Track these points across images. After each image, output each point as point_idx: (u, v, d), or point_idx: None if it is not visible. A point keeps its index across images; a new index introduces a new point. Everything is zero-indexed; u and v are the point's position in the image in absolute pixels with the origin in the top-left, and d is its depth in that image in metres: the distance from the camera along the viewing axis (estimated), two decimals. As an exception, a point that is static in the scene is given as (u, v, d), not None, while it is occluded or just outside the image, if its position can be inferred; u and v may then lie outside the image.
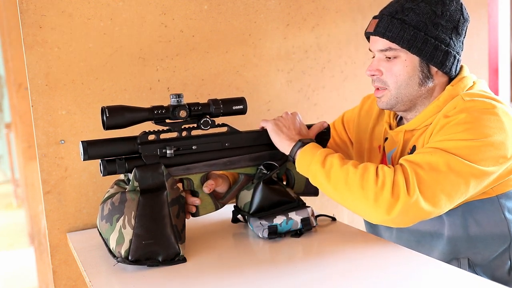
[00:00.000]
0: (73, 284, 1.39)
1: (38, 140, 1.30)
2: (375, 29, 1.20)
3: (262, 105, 1.57)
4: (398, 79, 1.19)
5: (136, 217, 1.05)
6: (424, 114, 1.20)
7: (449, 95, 1.18)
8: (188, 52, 1.45)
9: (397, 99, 1.20)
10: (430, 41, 1.16)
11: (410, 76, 1.18)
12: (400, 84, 1.19)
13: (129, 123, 1.09)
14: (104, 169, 1.08)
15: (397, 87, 1.19)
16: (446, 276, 0.96)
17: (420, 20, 1.16)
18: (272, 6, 1.55)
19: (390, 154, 1.29)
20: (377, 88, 1.23)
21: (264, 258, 1.11)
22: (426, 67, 1.18)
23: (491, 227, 1.18)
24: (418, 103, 1.22)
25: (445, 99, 1.18)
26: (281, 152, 1.26)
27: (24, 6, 1.25)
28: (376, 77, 1.22)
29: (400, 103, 1.21)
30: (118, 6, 1.34)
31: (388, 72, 1.20)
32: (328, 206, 1.74)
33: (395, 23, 1.17)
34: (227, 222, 1.31)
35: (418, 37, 1.15)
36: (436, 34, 1.16)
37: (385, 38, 1.18)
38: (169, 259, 1.06)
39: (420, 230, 1.23)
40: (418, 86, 1.19)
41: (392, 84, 1.20)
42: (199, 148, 1.17)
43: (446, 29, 1.17)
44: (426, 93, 1.21)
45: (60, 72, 1.30)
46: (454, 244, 1.19)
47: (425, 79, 1.19)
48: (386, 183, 1.03)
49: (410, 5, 1.18)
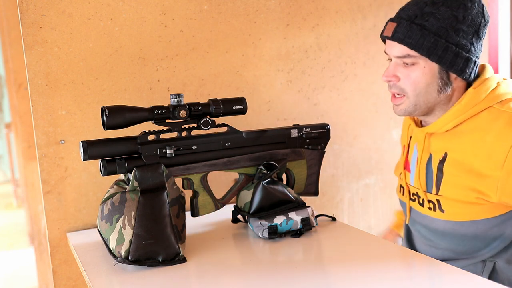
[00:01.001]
0: (73, 284, 1.39)
1: (38, 140, 1.30)
2: (393, 34, 1.15)
3: (262, 105, 1.57)
4: (416, 86, 1.15)
5: (136, 217, 1.05)
6: (445, 117, 1.18)
7: (471, 98, 1.15)
8: (188, 52, 1.45)
9: (416, 106, 1.18)
10: (451, 48, 1.12)
11: (429, 83, 1.15)
12: (419, 92, 1.16)
13: (129, 123, 1.09)
14: (104, 169, 1.08)
15: (416, 95, 1.16)
16: (447, 276, 0.96)
17: (441, 26, 1.11)
18: (272, 6, 1.55)
19: (414, 155, 1.28)
20: (394, 95, 1.20)
21: (264, 258, 1.11)
22: (446, 74, 1.15)
23: None
24: (437, 109, 1.20)
25: (467, 102, 1.15)
26: (281, 152, 1.26)
27: (24, 6, 1.25)
28: (393, 83, 1.18)
29: (418, 110, 1.19)
30: (118, 6, 1.34)
31: (406, 79, 1.16)
32: (328, 206, 1.74)
33: (414, 29, 1.12)
34: (227, 222, 1.31)
35: (439, 45, 1.11)
36: (457, 40, 1.12)
37: (404, 44, 1.13)
38: (169, 259, 1.06)
39: (459, 240, 1.22)
40: (437, 93, 1.16)
41: (410, 91, 1.17)
42: (199, 148, 1.17)
43: (467, 34, 1.12)
44: (444, 99, 1.18)
45: (60, 72, 1.30)
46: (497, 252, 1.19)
47: (444, 86, 1.16)
48: None
49: (430, 9, 1.12)
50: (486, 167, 1.12)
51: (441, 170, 1.20)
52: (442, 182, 1.20)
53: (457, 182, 1.17)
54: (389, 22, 1.19)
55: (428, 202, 1.24)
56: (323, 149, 1.33)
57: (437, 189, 1.21)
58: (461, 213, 1.19)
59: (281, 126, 1.38)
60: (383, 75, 1.20)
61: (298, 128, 1.29)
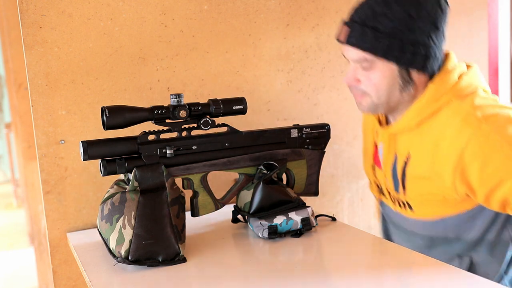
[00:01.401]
0: (73, 284, 1.39)
1: (38, 140, 1.30)
2: (347, 40, 1.12)
3: (262, 105, 1.57)
4: (378, 89, 1.13)
5: (136, 217, 1.05)
6: (407, 116, 1.16)
7: (432, 95, 1.12)
8: (188, 52, 1.45)
9: (378, 106, 1.16)
10: (408, 48, 1.08)
11: (390, 84, 1.13)
12: (381, 94, 1.14)
13: (129, 123, 1.09)
14: (104, 169, 1.08)
15: (378, 97, 1.15)
16: (446, 276, 0.96)
17: (394, 26, 1.07)
18: (272, 6, 1.55)
19: (381, 151, 1.27)
20: (355, 94, 1.20)
21: (264, 258, 1.11)
22: (406, 72, 1.12)
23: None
24: (400, 107, 1.18)
25: (428, 99, 1.13)
26: (281, 152, 1.26)
27: (24, 6, 1.25)
28: (354, 87, 1.17)
29: (381, 109, 1.18)
30: (118, 6, 1.34)
31: (367, 82, 1.14)
32: (328, 206, 1.74)
33: (367, 32, 1.08)
34: (227, 222, 1.31)
35: (394, 45, 1.08)
36: (413, 38, 1.08)
37: (359, 48, 1.10)
38: (169, 259, 1.06)
39: (432, 237, 1.23)
40: (399, 92, 1.14)
41: (372, 93, 1.15)
42: (199, 148, 1.17)
43: (423, 30, 1.08)
44: (407, 97, 1.16)
45: (60, 72, 1.30)
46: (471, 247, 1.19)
47: (406, 85, 1.13)
48: None
49: (382, 9, 1.08)
50: (443, 167, 1.10)
51: (405, 171, 1.19)
52: (406, 184, 1.20)
53: (420, 184, 1.17)
54: (343, 24, 1.15)
55: (398, 201, 1.25)
56: (323, 149, 1.33)
57: (404, 190, 1.21)
58: (430, 212, 1.19)
59: (281, 126, 1.38)
60: (344, 79, 1.18)
61: (298, 128, 1.29)
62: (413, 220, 1.24)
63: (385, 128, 1.23)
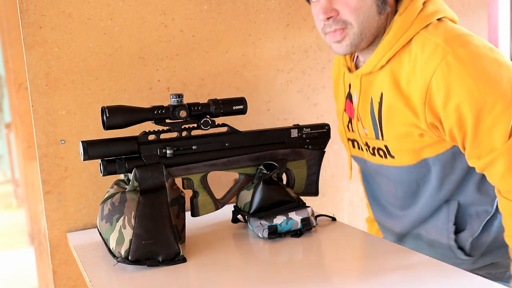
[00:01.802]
0: (73, 284, 1.39)
1: (38, 140, 1.30)
2: None
3: (262, 105, 1.57)
4: (359, 12, 1.07)
5: (136, 217, 1.05)
6: (376, 53, 1.12)
7: (399, 27, 1.09)
8: (188, 52, 1.45)
9: (361, 35, 1.10)
10: None
11: (369, 5, 1.08)
12: (362, 18, 1.08)
13: (129, 123, 1.09)
14: (104, 169, 1.08)
15: (360, 22, 1.08)
16: (447, 276, 0.96)
17: None
18: (272, 6, 1.55)
19: (355, 100, 1.23)
20: (333, 32, 1.11)
21: (264, 258, 1.12)
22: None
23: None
24: (379, 36, 1.13)
25: (395, 32, 1.09)
26: (281, 152, 1.26)
27: (24, 6, 1.25)
28: (333, 19, 1.09)
29: (363, 40, 1.11)
30: (118, 6, 1.34)
31: (346, 8, 1.08)
32: (328, 206, 1.74)
33: None
34: (227, 222, 1.31)
35: None
36: None
37: None
38: (169, 259, 1.06)
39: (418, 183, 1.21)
40: (378, 15, 1.09)
41: (354, 20, 1.08)
42: (199, 148, 1.17)
43: None
44: (384, 21, 1.12)
45: (60, 72, 1.30)
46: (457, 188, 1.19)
47: (383, 5, 1.09)
48: None
49: None
50: (414, 100, 1.08)
51: (380, 113, 1.15)
52: (383, 126, 1.16)
53: (395, 123, 1.13)
54: None
55: (378, 151, 1.21)
56: (323, 149, 1.33)
57: (382, 135, 1.17)
58: (410, 155, 1.15)
59: (281, 126, 1.38)
60: (320, 14, 1.10)
61: (298, 128, 1.29)
62: (395, 168, 1.19)
63: (355, 72, 1.18)
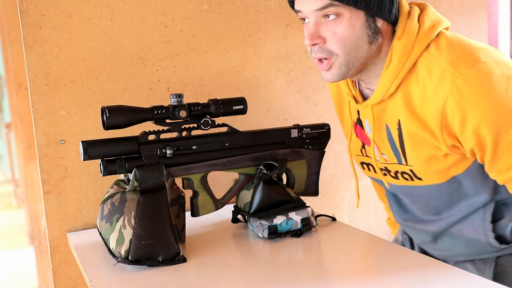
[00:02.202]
0: (73, 284, 1.39)
1: (38, 140, 1.30)
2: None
3: (262, 105, 1.57)
4: (346, 43, 1.02)
5: (136, 217, 1.05)
6: (385, 82, 1.09)
7: (401, 53, 1.06)
8: (188, 52, 1.45)
9: (348, 65, 1.05)
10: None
11: (358, 36, 1.03)
12: (349, 48, 1.03)
13: (129, 123, 1.09)
14: (104, 169, 1.08)
15: (346, 53, 1.04)
16: (447, 276, 0.96)
17: None
18: (272, 6, 1.55)
19: (367, 128, 1.20)
20: (320, 60, 1.07)
21: (264, 258, 1.11)
22: (373, 21, 1.04)
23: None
24: (369, 63, 1.09)
25: (398, 59, 1.06)
26: (281, 152, 1.26)
27: (24, 6, 1.25)
28: (319, 47, 1.05)
29: (351, 70, 1.07)
30: (118, 6, 1.34)
31: (333, 38, 1.03)
32: (328, 206, 1.74)
33: None
34: (227, 222, 1.31)
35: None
36: None
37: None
38: (169, 259, 1.06)
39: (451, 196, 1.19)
40: (368, 45, 1.05)
41: (340, 50, 1.03)
42: (199, 148, 1.17)
43: None
44: (376, 50, 1.07)
45: (60, 72, 1.30)
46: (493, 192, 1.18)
47: (374, 35, 1.05)
48: None
49: None
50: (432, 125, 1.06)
51: (401, 139, 1.13)
52: (406, 151, 1.14)
53: (418, 147, 1.11)
54: None
55: (402, 174, 1.19)
56: (323, 149, 1.33)
57: (406, 160, 1.15)
58: (438, 175, 1.14)
59: (281, 126, 1.38)
60: (307, 39, 1.05)
61: (298, 128, 1.29)
62: (425, 187, 1.18)
63: (365, 103, 1.16)
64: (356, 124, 1.24)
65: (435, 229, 1.26)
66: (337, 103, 1.34)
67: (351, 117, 1.24)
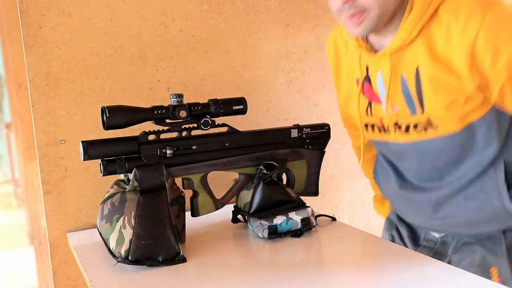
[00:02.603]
0: (73, 284, 1.39)
1: (38, 140, 1.30)
2: None
3: (262, 105, 1.57)
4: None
5: (136, 217, 1.05)
6: (406, 29, 1.09)
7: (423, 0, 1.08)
8: (188, 52, 1.45)
9: (380, 18, 1.07)
10: None
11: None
12: (381, 1, 1.05)
13: (129, 123, 1.09)
14: (104, 169, 1.08)
15: (379, 5, 1.05)
16: (447, 276, 0.96)
17: None
18: (272, 6, 1.55)
19: (380, 81, 1.19)
20: (352, 15, 1.08)
21: (264, 258, 1.12)
22: None
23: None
24: (396, 15, 1.11)
25: (421, 4, 1.07)
26: (281, 152, 1.26)
27: (24, 6, 1.25)
28: (350, 4, 1.06)
29: (381, 22, 1.08)
30: (118, 6, 1.34)
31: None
32: (328, 206, 1.74)
33: None
34: (227, 222, 1.31)
35: None
36: None
37: None
38: (169, 259, 1.06)
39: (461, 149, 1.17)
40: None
41: (372, 3, 1.05)
42: (199, 148, 1.17)
43: None
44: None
45: (60, 72, 1.30)
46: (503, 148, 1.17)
47: None
48: None
49: None
50: (458, 66, 1.06)
51: (419, 86, 1.13)
52: (425, 98, 1.13)
53: (439, 92, 1.11)
54: None
55: (414, 127, 1.18)
56: (323, 149, 1.33)
57: (422, 108, 1.14)
58: (455, 123, 1.13)
59: (281, 126, 1.38)
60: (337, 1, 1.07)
61: (298, 128, 1.29)
62: (437, 139, 1.16)
63: (382, 51, 1.15)
64: (364, 81, 1.22)
65: (438, 196, 1.23)
66: (337, 68, 1.33)
67: (361, 73, 1.22)
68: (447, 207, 1.24)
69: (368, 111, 1.26)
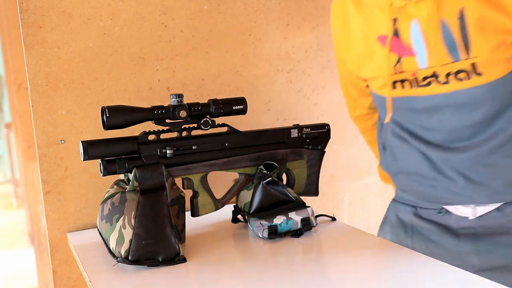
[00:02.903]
0: (73, 284, 1.39)
1: (38, 140, 1.30)
2: None
3: (262, 105, 1.57)
4: None
5: (136, 217, 1.05)
6: None
7: None
8: (188, 52, 1.45)
9: None
10: None
11: None
12: None
13: (129, 123, 1.09)
14: (104, 169, 1.08)
15: None
16: (447, 276, 0.96)
17: None
18: (272, 6, 1.55)
19: (415, 31, 1.15)
20: None
21: (264, 258, 1.12)
22: None
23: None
24: None
25: None
26: (281, 152, 1.26)
27: (24, 6, 1.25)
28: None
29: None
30: (118, 6, 1.34)
31: None
32: (328, 206, 1.74)
33: None
34: (227, 222, 1.31)
35: None
36: None
37: None
38: (169, 259, 1.06)
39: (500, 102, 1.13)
40: None
41: None
42: (199, 148, 1.17)
43: None
44: None
45: (60, 72, 1.30)
46: None
47: None
48: None
49: None
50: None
51: (464, 29, 1.09)
52: (471, 41, 1.09)
53: (488, 33, 1.08)
54: None
55: (455, 74, 1.13)
56: (323, 149, 1.33)
57: (468, 52, 1.10)
58: (501, 67, 1.09)
59: (281, 126, 1.38)
60: None
61: (298, 128, 1.29)
62: (477, 88, 1.12)
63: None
64: (393, 36, 1.18)
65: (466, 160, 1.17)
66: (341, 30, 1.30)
67: (391, 27, 1.18)
68: (479, 172, 1.18)
69: (397, 68, 1.20)
